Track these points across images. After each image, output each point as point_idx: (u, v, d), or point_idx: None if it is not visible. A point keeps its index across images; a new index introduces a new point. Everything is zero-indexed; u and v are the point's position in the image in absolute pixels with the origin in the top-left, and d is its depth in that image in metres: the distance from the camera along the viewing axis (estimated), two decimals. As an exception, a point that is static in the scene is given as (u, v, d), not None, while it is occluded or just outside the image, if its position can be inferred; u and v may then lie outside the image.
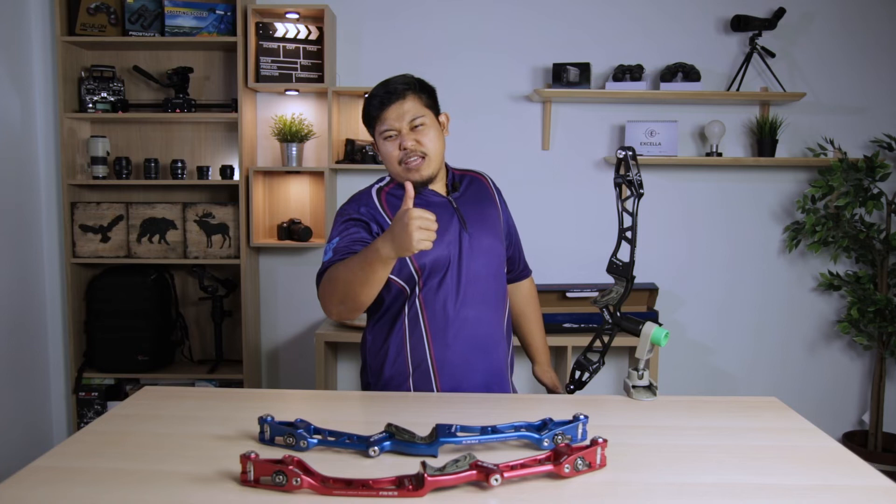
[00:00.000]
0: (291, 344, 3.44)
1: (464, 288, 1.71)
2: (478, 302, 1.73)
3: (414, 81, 1.71)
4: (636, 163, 1.62)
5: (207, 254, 3.15)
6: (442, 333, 1.70)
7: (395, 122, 1.66)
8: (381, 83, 1.71)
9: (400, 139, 1.66)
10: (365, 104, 1.72)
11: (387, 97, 1.67)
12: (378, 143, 1.72)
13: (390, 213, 1.71)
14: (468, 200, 1.78)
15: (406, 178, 1.68)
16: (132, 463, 1.23)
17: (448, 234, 1.71)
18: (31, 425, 3.16)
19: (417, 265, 1.68)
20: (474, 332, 1.73)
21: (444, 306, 1.70)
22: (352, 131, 3.31)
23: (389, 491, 1.11)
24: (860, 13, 3.27)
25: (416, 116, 1.67)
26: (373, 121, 1.70)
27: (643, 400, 1.63)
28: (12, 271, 3.02)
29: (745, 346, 3.42)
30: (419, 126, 1.67)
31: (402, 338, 1.72)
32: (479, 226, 1.76)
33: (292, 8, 3.07)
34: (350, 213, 1.70)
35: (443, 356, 1.71)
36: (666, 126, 3.17)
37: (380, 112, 1.67)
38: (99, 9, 3.06)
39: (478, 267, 1.73)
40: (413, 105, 1.67)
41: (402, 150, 1.66)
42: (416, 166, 1.67)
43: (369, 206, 1.72)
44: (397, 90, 1.67)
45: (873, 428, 3.19)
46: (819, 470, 1.25)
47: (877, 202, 3.10)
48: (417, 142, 1.66)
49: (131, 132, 3.28)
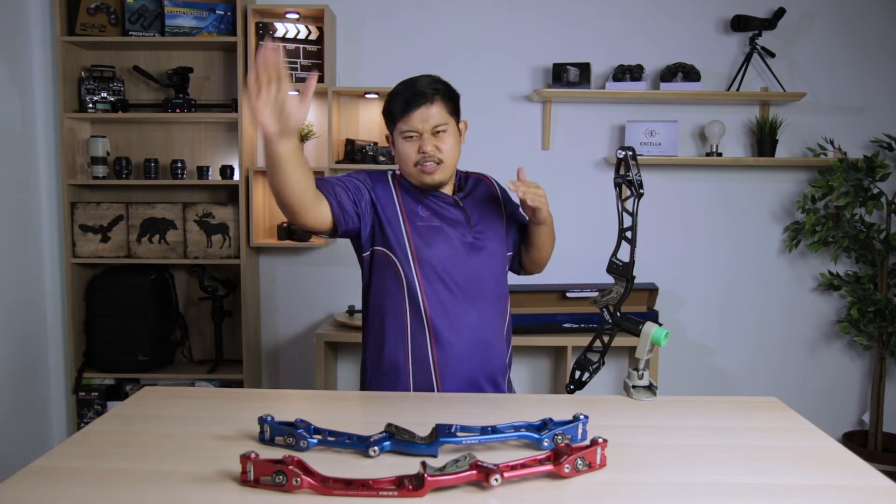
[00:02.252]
0: (291, 344, 3.44)
1: (466, 287, 1.72)
2: (479, 302, 1.74)
3: (442, 86, 1.70)
4: (636, 163, 1.62)
5: (207, 254, 3.15)
6: (443, 332, 1.71)
7: (420, 124, 1.67)
8: (408, 82, 1.70)
9: (420, 142, 1.67)
10: (389, 100, 1.71)
11: (414, 99, 1.66)
12: (396, 141, 1.72)
13: (400, 196, 1.75)
14: (473, 201, 1.80)
15: (419, 180, 1.71)
16: (132, 463, 1.23)
17: (453, 227, 1.73)
18: (31, 425, 3.16)
19: (416, 252, 1.70)
20: (475, 332, 1.74)
21: (446, 305, 1.70)
22: (352, 131, 3.31)
23: (389, 491, 1.11)
24: (860, 13, 3.27)
25: (440, 123, 1.67)
26: (395, 119, 1.70)
27: (643, 400, 1.63)
28: (12, 271, 3.01)
29: (745, 346, 3.42)
30: (441, 132, 1.68)
31: (404, 334, 1.73)
32: (483, 227, 1.78)
33: (292, 8, 3.07)
34: (359, 175, 1.75)
35: (444, 355, 1.71)
36: (666, 126, 3.17)
37: (405, 112, 1.67)
38: (99, 9, 3.06)
39: (480, 267, 1.74)
40: (439, 111, 1.68)
41: (421, 154, 1.67)
42: (432, 170, 1.69)
43: (382, 181, 1.76)
44: (426, 94, 1.66)
45: (873, 428, 3.19)
46: (819, 470, 1.25)
47: (877, 202, 3.10)
48: (437, 147, 1.68)
49: (131, 132, 3.28)
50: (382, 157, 3.13)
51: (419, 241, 1.71)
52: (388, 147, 3.15)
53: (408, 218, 1.72)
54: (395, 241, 1.71)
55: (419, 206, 1.74)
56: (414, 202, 1.74)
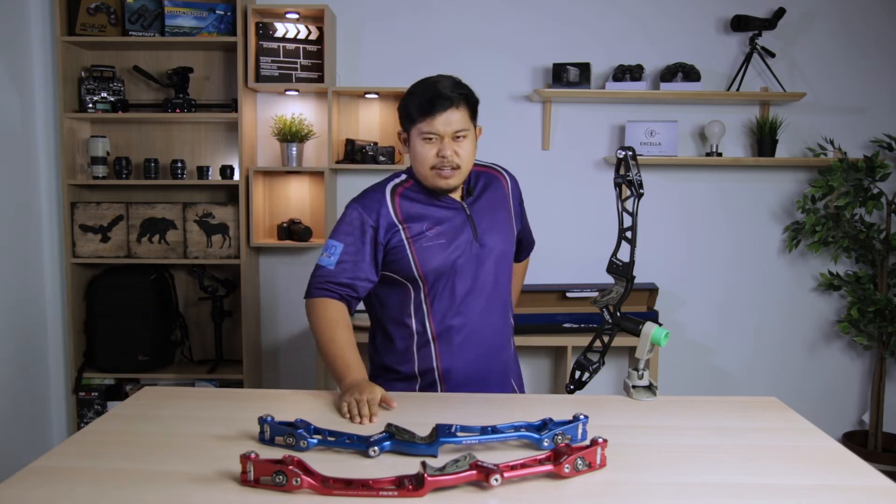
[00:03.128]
0: (291, 344, 3.44)
1: (471, 295, 1.72)
2: (485, 309, 1.74)
3: (466, 91, 1.69)
4: (636, 163, 1.62)
5: (207, 254, 3.15)
6: (448, 340, 1.71)
7: (441, 127, 1.64)
8: (430, 82, 1.68)
9: (440, 146, 1.65)
10: (408, 99, 1.69)
11: (440, 102, 1.64)
12: (414, 142, 1.69)
13: (401, 215, 1.70)
14: (482, 207, 1.77)
15: (433, 183, 1.69)
16: (132, 463, 1.23)
17: (458, 240, 1.71)
18: (31, 425, 3.16)
19: (422, 272, 1.68)
20: (481, 340, 1.74)
21: (451, 312, 1.71)
22: (352, 131, 3.31)
23: (389, 491, 1.11)
24: (860, 13, 3.27)
25: (461, 128, 1.66)
26: (415, 119, 1.67)
27: (643, 400, 1.63)
28: (12, 271, 3.01)
29: (745, 346, 3.42)
30: (461, 138, 1.67)
31: (409, 343, 1.73)
32: (490, 233, 1.75)
33: (292, 8, 3.07)
34: (362, 216, 1.70)
35: (449, 364, 1.72)
36: (666, 126, 3.17)
37: (428, 114, 1.64)
38: (99, 9, 3.06)
39: (486, 274, 1.74)
40: (461, 116, 1.66)
41: (440, 158, 1.66)
42: (448, 176, 1.67)
43: (380, 210, 1.70)
44: (452, 98, 1.65)
45: (873, 428, 3.19)
46: (819, 470, 1.25)
47: (877, 202, 3.10)
48: (456, 153, 1.66)
49: (131, 132, 3.28)
50: (382, 157, 3.13)
51: (424, 257, 1.69)
52: (389, 147, 3.15)
53: (413, 242, 1.68)
54: (401, 267, 1.70)
55: (424, 224, 1.70)
56: (419, 217, 1.70)
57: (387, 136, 3.29)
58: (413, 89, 1.70)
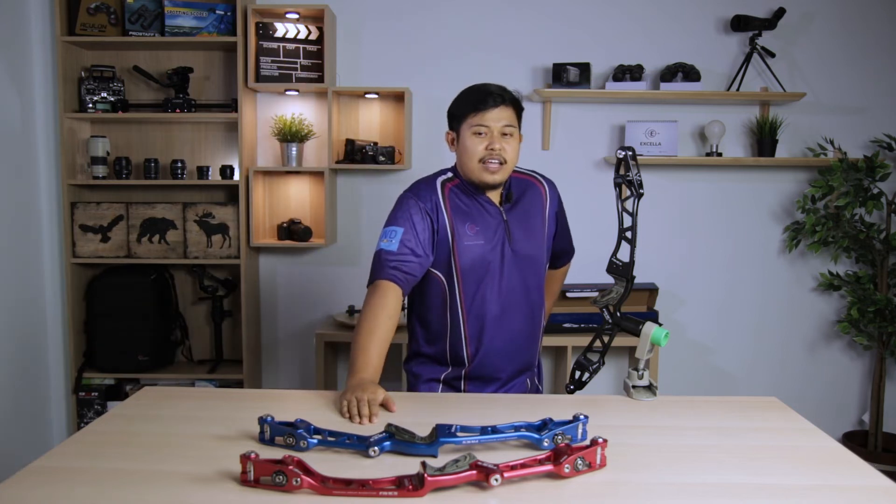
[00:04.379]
0: (291, 344, 3.44)
1: (502, 296, 1.79)
2: (514, 311, 1.81)
3: (513, 97, 1.79)
4: (636, 163, 1.62)
5: (207, 254, 3.15)
6: (478, 335, 1.79)
7: (493, 122, 1.73)
8: (481, 85, 1.79)
9: (490, 139, 1.74)
10: (459, 100, 1.79)
11: (491, 97, 1.74)
12: (463, 137, 1.77)
13: (450, 210, 1.78)
14: (518, 214, 1.84)
15: (479, 177, 1.76)
16: (132, 463, 1.23)
17: (493, 240, 1.78)
18: (31, 425, 3.16)
19: (459, 266, 1.77)
20: (509, 339, 1.82)
21: (483, 310, 1.78)
22: (352, 131, 3.31)
23: (389, 491, 1.11)
24: (860, 13, 3.27)
25: (509, 124, 1.75)
26: (466, 114, 1.76)
27: (643, 400, 1.63)
28: (12, 271, 3.01)
29: (745, 346, 3.42)
30: (508, 135, 1.75)
31: (442, 332, 1.82)
32: (524, 241, 1.82)
33: (292, 8, 3.07)
34: (418, 203, 1.77)
35: (477, 356, 1.80)
36: (666, 126, 3.17)
37: (480, 109, 1.73)
38: (99, 9, 3.06)
39: (516, 279, 1.81)
40: (510, 114, 1.76)
41: (489, 150, 1.73)
42: (495, 170, 1.75)
43: (433, 199, 1.78)
44: (502, 96, 1.75)
45: (873, 428, 3.19)
46: (819, 470, 1.25)
47: (877, 202, 3.10)
48: (503, 147, 1.74)
49: (131, 132, 3.28)
50: (382, 157, 3.13)
51: (463, 253, 1.76)
52: (389, 147, 3.15)
53: (456, 239, 1.76)
54: (441, 259, 1.78)
55: (466, 224, 1.77)
56: (462, 215, 1.78)
57: (387, 136, 3.29)
58: (463, 91, 1.81)
